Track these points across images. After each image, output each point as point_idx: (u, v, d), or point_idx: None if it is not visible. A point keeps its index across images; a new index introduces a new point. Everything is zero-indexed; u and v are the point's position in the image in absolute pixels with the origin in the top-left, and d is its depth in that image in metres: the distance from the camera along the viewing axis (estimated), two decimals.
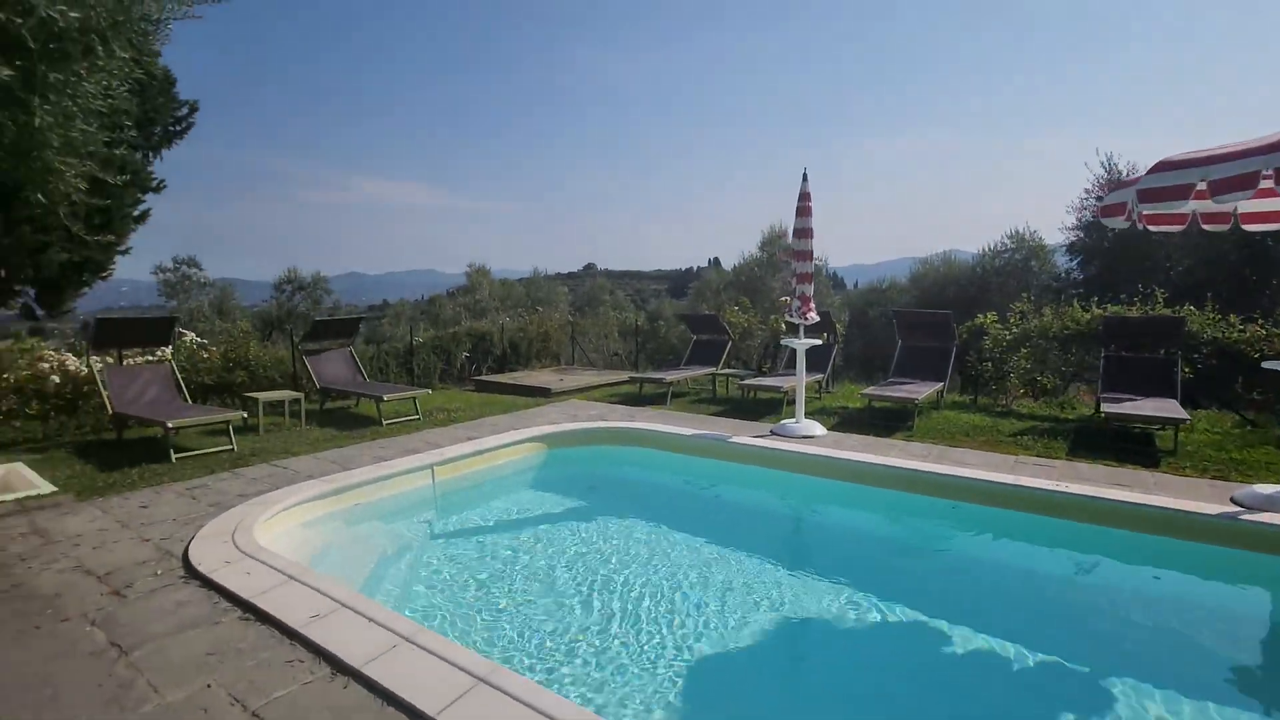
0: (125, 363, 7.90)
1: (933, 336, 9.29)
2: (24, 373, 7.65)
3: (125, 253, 13.91)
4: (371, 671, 2.65)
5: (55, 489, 5.48)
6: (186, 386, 8.15)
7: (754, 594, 4.27)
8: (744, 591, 4.30)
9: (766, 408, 9.25)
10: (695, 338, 11.77)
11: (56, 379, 7.82)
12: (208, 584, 3.62)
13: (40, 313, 14.28)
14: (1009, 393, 9.24)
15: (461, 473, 6.54)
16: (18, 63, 3.55)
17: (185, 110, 14.89)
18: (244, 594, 3.42)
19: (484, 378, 12.18)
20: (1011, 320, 9.29)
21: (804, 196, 7.25)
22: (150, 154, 14.48)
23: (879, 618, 3.97)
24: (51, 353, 8.07)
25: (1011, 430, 7.55)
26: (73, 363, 8.12)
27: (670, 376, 9.95)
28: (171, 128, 14.73)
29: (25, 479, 5.75)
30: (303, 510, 5.16)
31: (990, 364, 9.18)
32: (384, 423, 8.27)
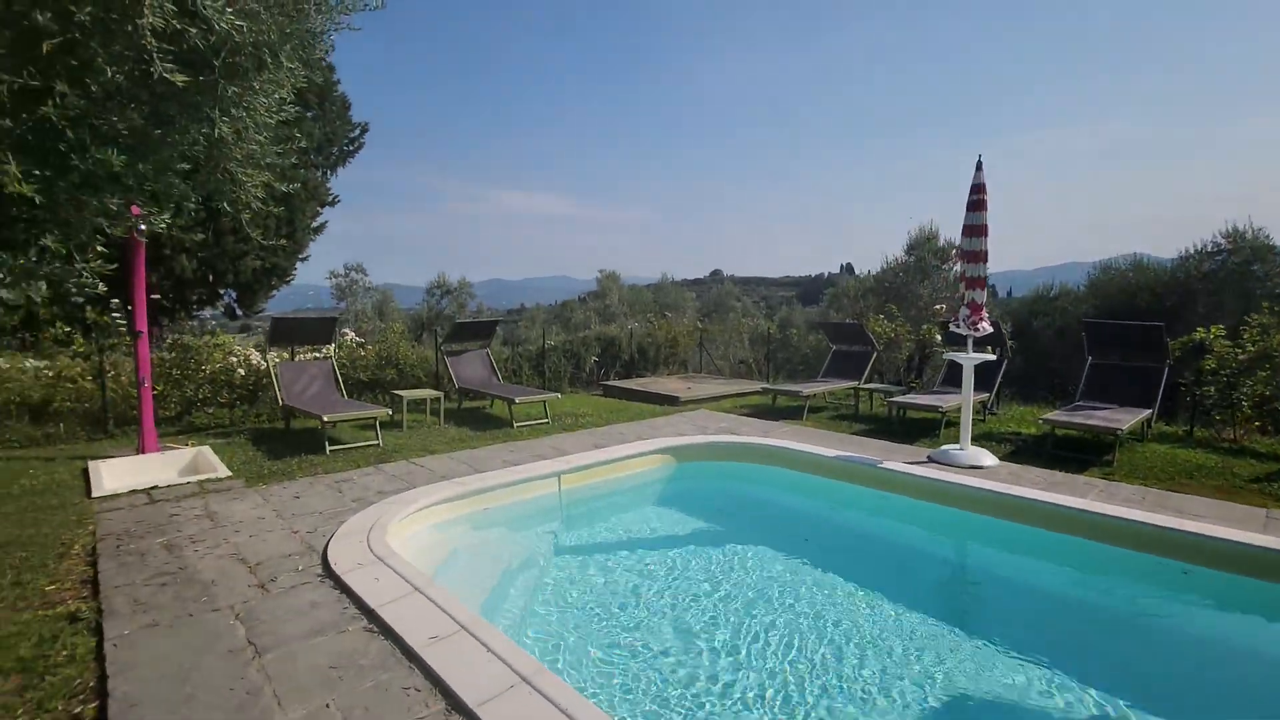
0: (296, 358, 8.64)
1: (1137, 353, 7.77)
2: (216, 365, 8.62)
3: (305, 260, 15.60)
4: (487, 716, 2.40)
5: (230, 474, 5.98)
6: (345, 382, 8.78)
7: (920, 662, 3.58)
8: (907, 659, 3.62)
9: (918, 429, 8.24)
10: (834, 348, 10.90)
11: (241, 371, 8.74)
12: (340, 585, 3.62)
13: (239, 312, 16.36)
14: (1238, 424, 7.50)
15: (588, 482, 6.35)
16: (200, 78, 3.79)
17: (357, 131, 16.48)
18: (370, 601, 3.35)
19: (612, 383, 12.12)
20: (1247, 335, 7.53)
21: (977, 189, 6.29)
22: (328, 172, 16.18)
23: (1088, 712, 3.13)
24: (239, 348, 9.04)
25: (1251, 473, 6.04)
26: (255, 357, 9.04)
27: (807, 390, 9.22)
28: (346, 148, 16.36)
29: (209, 462, 6.35)
30: (433, 512, 5.18)
31: (1214, 389, 7.50)
32: (515, 425, 8.36)
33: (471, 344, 10.11)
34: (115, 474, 6.07)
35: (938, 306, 12.23)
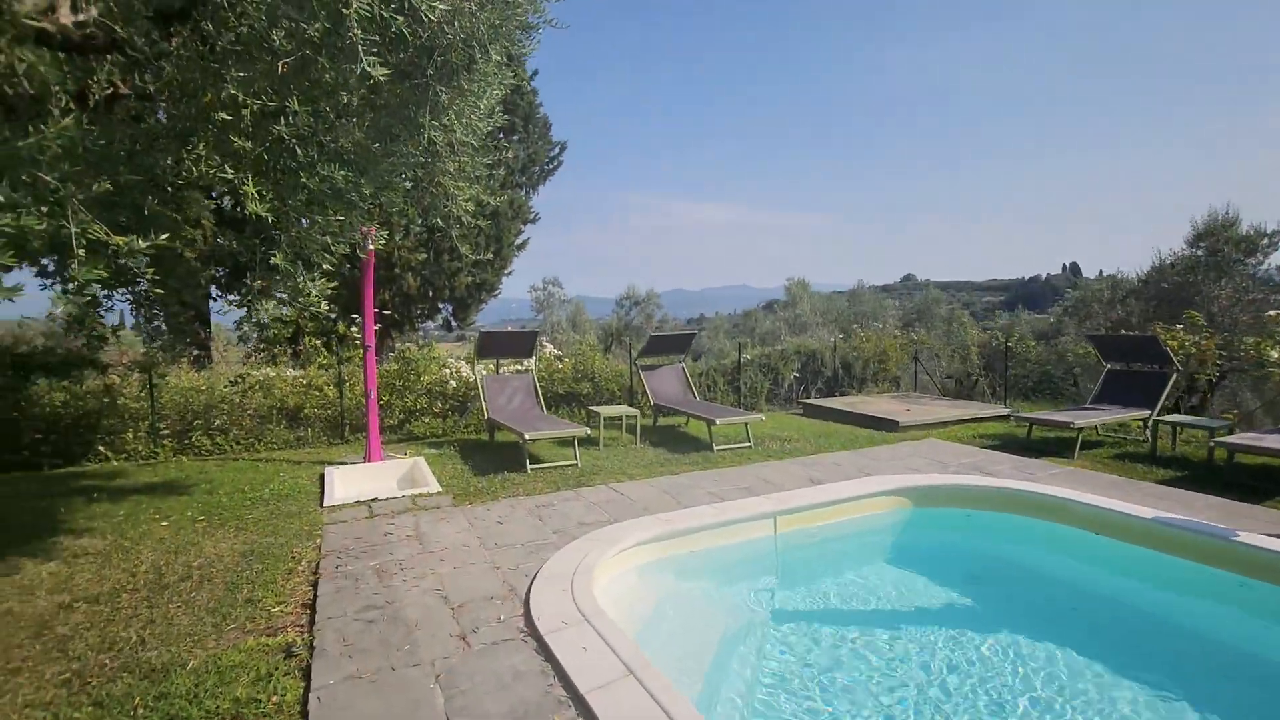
0: (500, 371, 8.80)
1: None
2: (432, 377, 9.07)
3: (509, 275, 16.53)
4: None
5: (440, 489, 5.99)
6: (543, 395, 8.75)
7: None
8: None
9: (1265, 481, 5.99)
10: (1108, 366, 8.64)
11: (453, 383, 9.11)
12: (544, 650, 3.10)
13: (454, 325, 17.83)
14: None
15: (807, 526, 5.37)
16: (413, 82, 3.59)
17: (557, 150, 17.18)
18: (579, 683, 2.76)
19: (814, 401, 10.92)
20: None
21: None
22: (529, 191, 17.06)
23: None
24: (451, 360, 9.47)
25: None
26: (465, 369, 9.40)
27: (1080, 420, 7.27)
28: (546, 166, 17.13)
29: (423, 474, 6.48)
30: (637, 553, 4.59)
31: None
32: (715, 448, 7.63)
33: (666, 358, 9.62)
34: (345, 481, 6.41)
35: (1272, 313, 9.20)
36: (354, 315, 11.76)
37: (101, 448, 7.23)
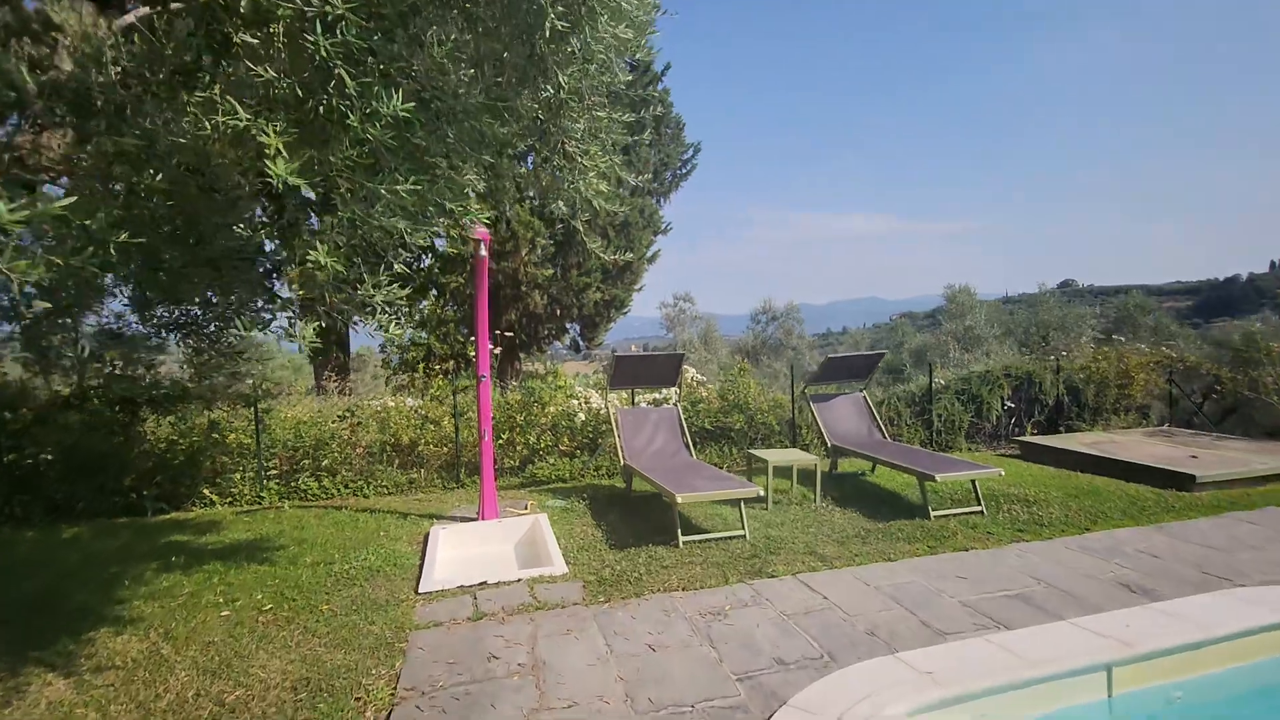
0: (637, 401, 7.24)
1: None
2: (558, 409, 7.71)
3: (640, 290, 15.18)
4: None
5: (566, 570, 4.45)
6: (688, 431, 7.06)
7: None
8: None
9: None
10: None
11: (581, 416, 7.69)
12: None
13: (583, 345, 16.79)
14: None
15: (1163, 683, 3.17)
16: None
17: (690, 152, 15.69)
18: None
19: (1036, 439, 8.30)
20: None
21: None
22: (662, 198, 15.68)
23: None
24: (579, 390, 8.07)
25: None
26: (595, 399, 7.96)
27: None
28: (679, 170, 15.68)
29: (545, 541, 5.01)
30: None
31: None
32: (931, 514, 5.49)
33: (844, 385, 7.58)
34: (450, 548, 5.09)
35: None
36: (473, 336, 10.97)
37: (207, 490, 6.52)
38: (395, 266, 2.78)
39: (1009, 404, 8.88)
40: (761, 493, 5.43)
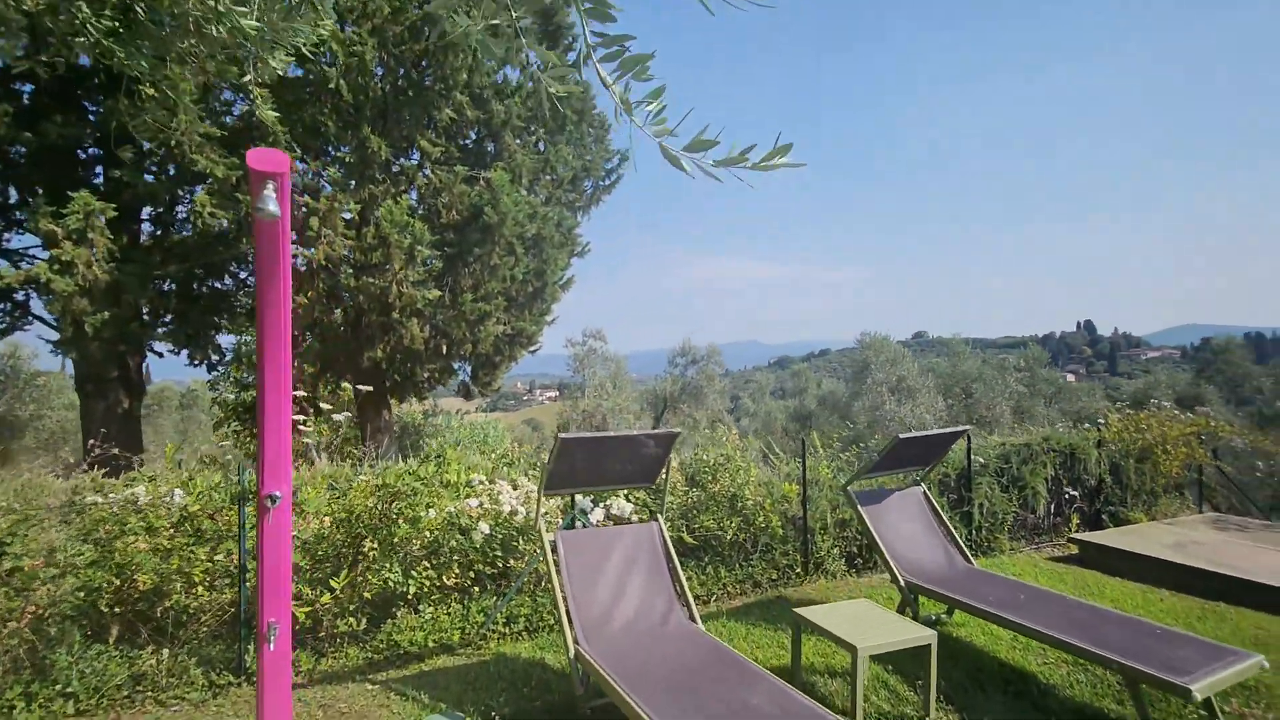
0: (586, 513, 4.22)
1: None
2: (442, 516, 4.48)
3: (552, 323, 12.15)
4: None
5: None
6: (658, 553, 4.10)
7: None
8: None
9: None
10: None
11: (485, 529, 4.49)
12: None
13: (474, 390, 13.31)
14: None
15: None
16: None
17: (616, 161, 13.09)
18: None
19: (1093, 538, 6.20)
20: None
21: None
22: (580, 212, 12.88)
23: None
24: (478, 479, 4.88)
25: None
26: (510, 496, 4.79)
27: None
28: (602, 181, 13.01)
29: None
30: None
31: None
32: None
33: (901, 478, 5.03)
34: None
35: None
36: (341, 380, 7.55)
37: None
38: None
39: (1070, 491, 6.76)
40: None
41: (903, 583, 4.21)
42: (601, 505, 4.72)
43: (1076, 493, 6.84)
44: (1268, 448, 7.80)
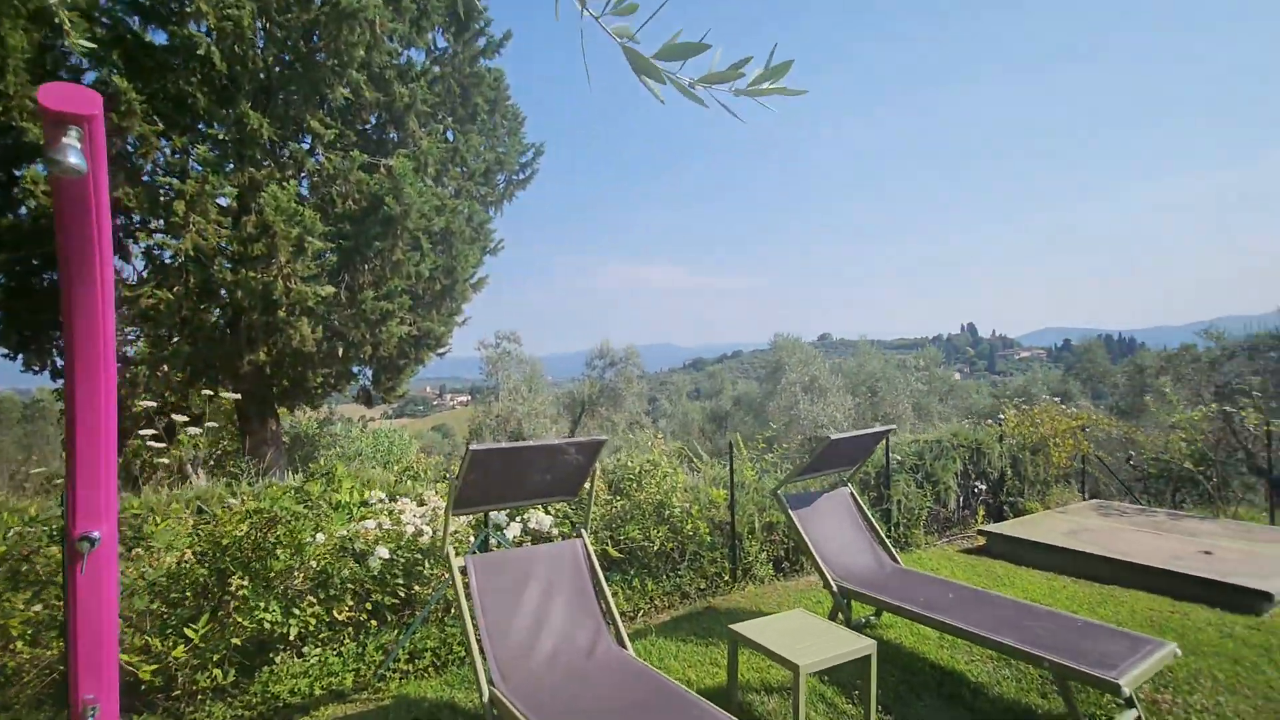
0: (500, 531, 3.79)
1: None
2: (331, 542, 3.90)
3: (463, 324, 11.46)
4: None
5: None
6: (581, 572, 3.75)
7: None
8: None
9: None
10: None
11: (384, 554, 3.95)
12: None
13: (376, 395, 12.36)
14: None
15: None
16: None
17: (531, 154, 12.56)
18: None
19: (998, 529, 6.45)
20: None
21: None
22: (493, 207, 12.26)
23: None
24: (377, 498, 4.32)
25: None
26: (413, 515, 4.27)
27: None
28: (515, 175, 12.44)
29: None
30: None
31: None
32: None
33: (827, 476, 4.93)
34: None
35: None
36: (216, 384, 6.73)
37: None
38: None
39: (978, 485, 7.00)
40: None
41: (835, 588, 4.08)
42: (518, 520, 4.30)
43: (984, 486, 7.10)
44: (1137, 437, 8.49)
